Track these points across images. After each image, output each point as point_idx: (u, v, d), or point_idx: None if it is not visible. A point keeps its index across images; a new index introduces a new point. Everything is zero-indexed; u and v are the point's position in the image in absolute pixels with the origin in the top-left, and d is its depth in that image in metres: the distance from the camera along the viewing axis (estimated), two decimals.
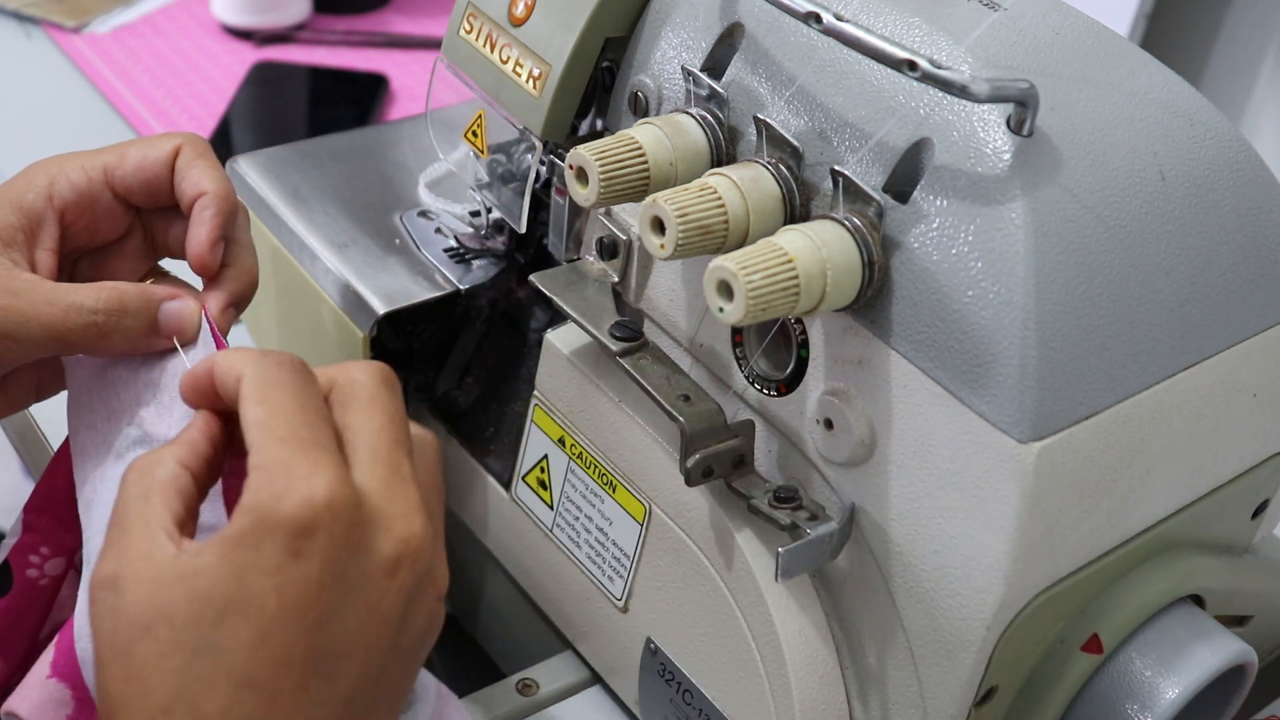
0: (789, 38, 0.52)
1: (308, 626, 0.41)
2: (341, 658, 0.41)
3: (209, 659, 0.40)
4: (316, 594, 0.41)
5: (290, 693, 0.40)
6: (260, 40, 1.15)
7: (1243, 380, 0.52)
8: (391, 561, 0.42)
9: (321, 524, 0.41)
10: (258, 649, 0.40)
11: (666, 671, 0.59)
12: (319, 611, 0.41)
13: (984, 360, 0.46)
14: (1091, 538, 0.50)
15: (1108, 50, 0.52)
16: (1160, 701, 0.52)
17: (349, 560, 0.41)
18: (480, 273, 0.68)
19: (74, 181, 0.53)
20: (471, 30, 0.62)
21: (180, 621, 0.40)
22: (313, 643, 0.41)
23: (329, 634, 0.41)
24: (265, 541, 0.40)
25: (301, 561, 0.40)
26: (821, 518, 0.51)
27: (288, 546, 0.40)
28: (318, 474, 0.41)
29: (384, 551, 0.42)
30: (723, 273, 0.45)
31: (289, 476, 0.41)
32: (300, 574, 0.40)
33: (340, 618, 0.41)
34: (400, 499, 0.43)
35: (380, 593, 0.42)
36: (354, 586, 0.41)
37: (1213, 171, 0.50)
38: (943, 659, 0.50)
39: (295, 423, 0.42)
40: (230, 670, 0.40)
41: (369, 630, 0.42)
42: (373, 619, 0.42)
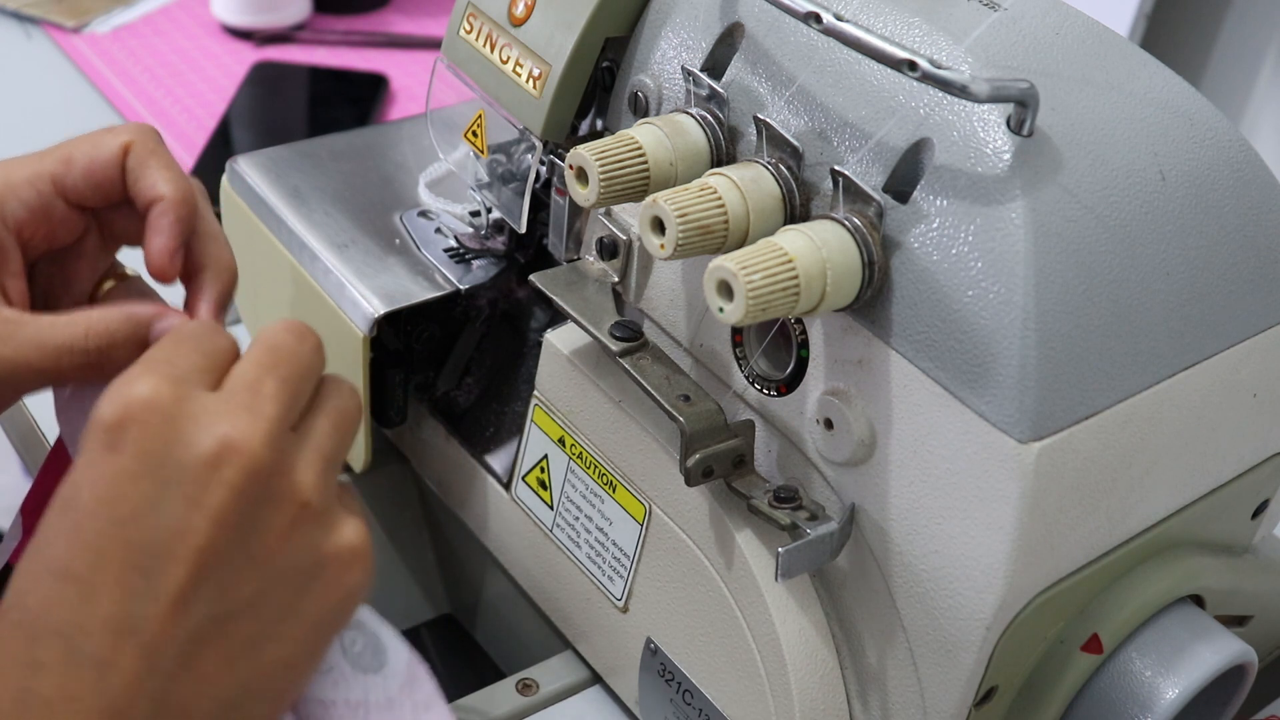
0: (789, 38, 0.52)
1: (119, 518, 0.41)
2: (162, 553, 0.41)
3: (37, 555, 0.41)
4: (129, 486, 0.41)
5: (107, 586, 0.41)
6: (260, 40, 1.15)
7: (1243, 380, 0.52)
8: (212, 455, 0.42)
9: (133, 418, 0.41)
10: (72, 540, 0.41)
11: (666, 671, 0.59)
12: (132, 503, 0.41)
13: (984, 360, 0.46)
14: (1091, 538, 0.50)
15: (1108, 50, 0.52)
16: (1160, 701, 0.52)
17: (164, 452, 0.41)
18: (480, 273, 0.68)
19: (24, 200, 0.52)
20: (471, 30, 0.62)
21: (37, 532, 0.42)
22: (127, 535, 0.41)
23: (144, 527, 0.41)
24: (89, 441, 0.42)
25: (113, 454, 0.41)
26: (821, 518, 0.51)
27: (101, 440, 0.41)
28: (143, 377, 0.42)
29: (203, 445, 0.42)
30: (723, 273, 0.45)
31: (119, 384, 0.42)
32: (111, 466, 0.41)
33: (157, 511, 0.41)
34: (238, 407, 0.43)
35: (200, 486, 0.41)
36: (170, 480, 0.41)
37: (1213, 171, 0.50)
38: (943, 659, 0.50)
39: (159, 349, 0.44)
40: (49, 563, 0.41)
41: (193, 526, 0.41)
42: (196, 514, 0.41)
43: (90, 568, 0.41)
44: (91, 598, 0.41)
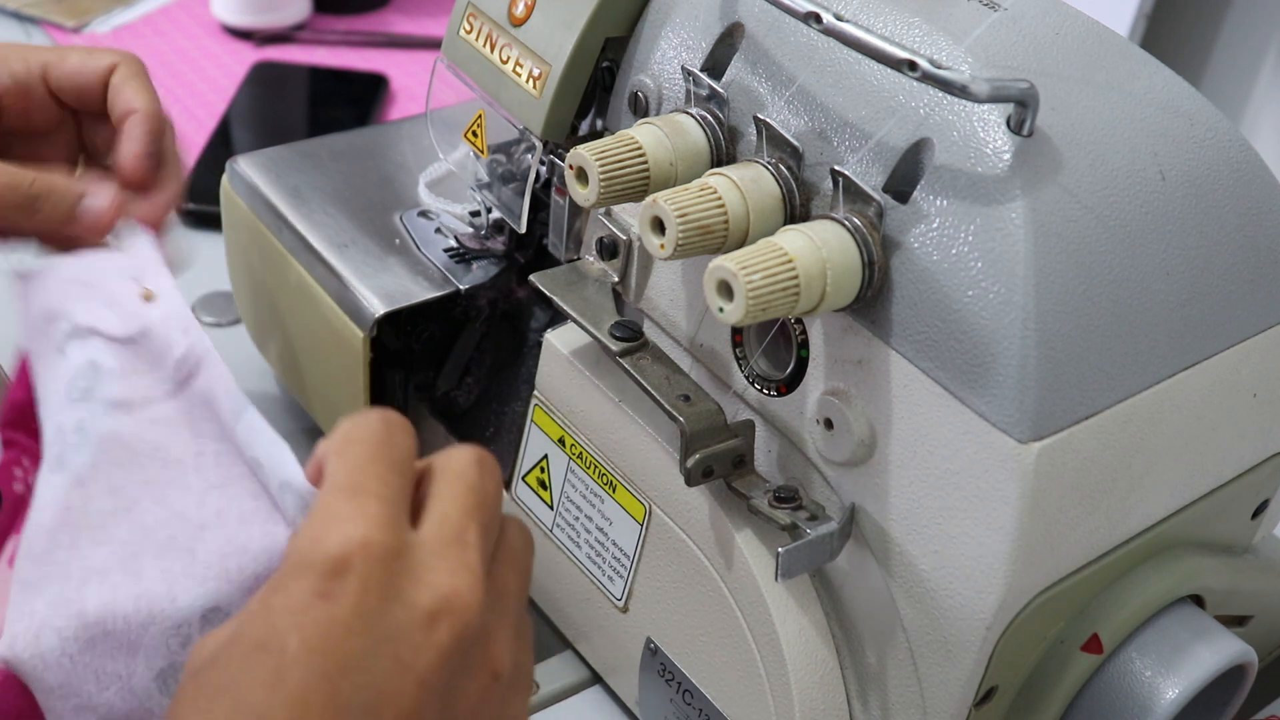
0: (789, 38, 0.52)
1: (328, 671, 0.38)
2: (367, 713, 0.39)
3: (228, 698, 0.38)
4: (341, 637, 0.38)
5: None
6: (260, 40, 1.15)
7: (1243, 380, 0.52)
8: (428, 614, 0.40)
9: (353, 566, 0.39)
10: (274, 688, 0.38)
11: (666, 671, 0.59)
12: (342, 656, 0.38)
13: (984, 360, 0.46)
14: (1091, 538, 0.50)
15: (1108, 50, 0.52)
16: (1160, 701, 0.52)
17: (380, 608, 0.39)
18: (480, 273, 0.68)
19: (13, 70, 0.57)
20: (471, 30, 0.62)
21: (220, 663, 0.39)
22: (334, 689, 0.38)
23: (353, 684, 0.38)
24: (294, 582, 0.39)
25: (327, 603, 0.39)
26: (821, 518, 0.51)
27: (314, 587, 0.39)
28: (360, 519, 0.40)
29: (421, 603, 0.40)
30: (723, 273, 0.45)
31: (329, 519, 0.40)
32: (324, 614, 0.39)
33: (367, 668, 0.39)
34: (452, 558, 0.41)
35: (414, 648, 0.39)
36: (385, 636, 0.39)
37: (1213, 171, 0.50)
38: (943, 659, 0.50)
39: (359, 473, 0.41)
40: (247, 710, 0.38)
41: (401, 689, 0.39)
42: (405, 676, 0.39)
43: (290, 717, 0.38)
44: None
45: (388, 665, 0.39)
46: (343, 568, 0.39)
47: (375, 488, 0.41)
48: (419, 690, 0.39)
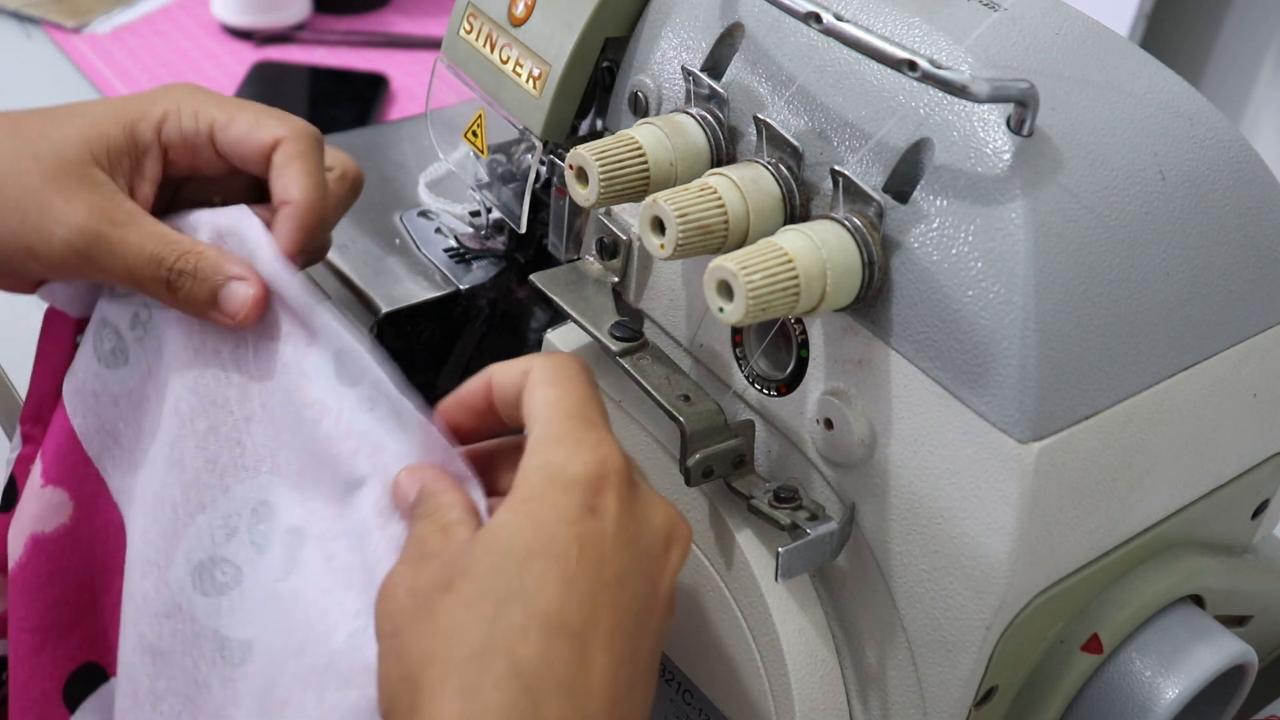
0: (789, 38, 0.52)
1: (606, 581, 0.41)
2: (638, 624, 0.41)
3: (518, 605, 0.40)
4: (611, 552, 0.41)
5: (600, 645, 0.40)
6: (260, 40, 1.15)
7: (1243, 380, 0.52)
8: (665, 536, 0.43)
9: (610, 484, 0.42)
10: (566, 594, 0.40)
11: (666, 671, 0.59)
12: (615, 569, 0.41)
13: (984, 360, 0.46)
14: (1091, 538, 0.50)
15: (1108, 50, 0.52)
16: (1160, 701, 0.52)
17: (635, 526, 0.42)
18: (480, 273, 0.68)
19: (184, 128, 0.53)
20: (471, 30, 0.62)
21: (482, 573, 0.40)
22: (613, 599, 0.41)
23: (625, 595, 0.41)
24: (561, 495, 0.41)
25: (595, 518, 0.41)
26: (821, 518, 0.51)
27: (583, 500, 0.41)
28: (603, 443, 0.43)
29: (658, 524, 0.43)
30: (723, 273, 0.45)
31: (579, 443, 0.43)
32: (596, 529, 0.41)
33: (631, 582, 0.41)
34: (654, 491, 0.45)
35: (660, 568, 0.43)
36: (640, 554, 0.42)
37: (1213, 171, 0.50)
38: (943, 659, 0.50)
39: (587, 404, 0.45)
40: (542, 615, 0.40)
41: (654, 606, 0.42)
42: (656, 594, 0.42)
43: (585, 625, 0.40)
44: (588, 656, 0.40)
45: (642, 584, 0.42)
46: (602, 484, 0.42)
47: (601, 418, 0.45)
48: (665, 609, 0.43)
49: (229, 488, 0.51)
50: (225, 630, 0.50)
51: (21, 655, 0.55)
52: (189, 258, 0.51)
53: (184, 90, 0.54)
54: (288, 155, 0.53)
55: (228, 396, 0.51)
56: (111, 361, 0.54)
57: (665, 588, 0.43)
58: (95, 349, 0.54)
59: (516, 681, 0.39)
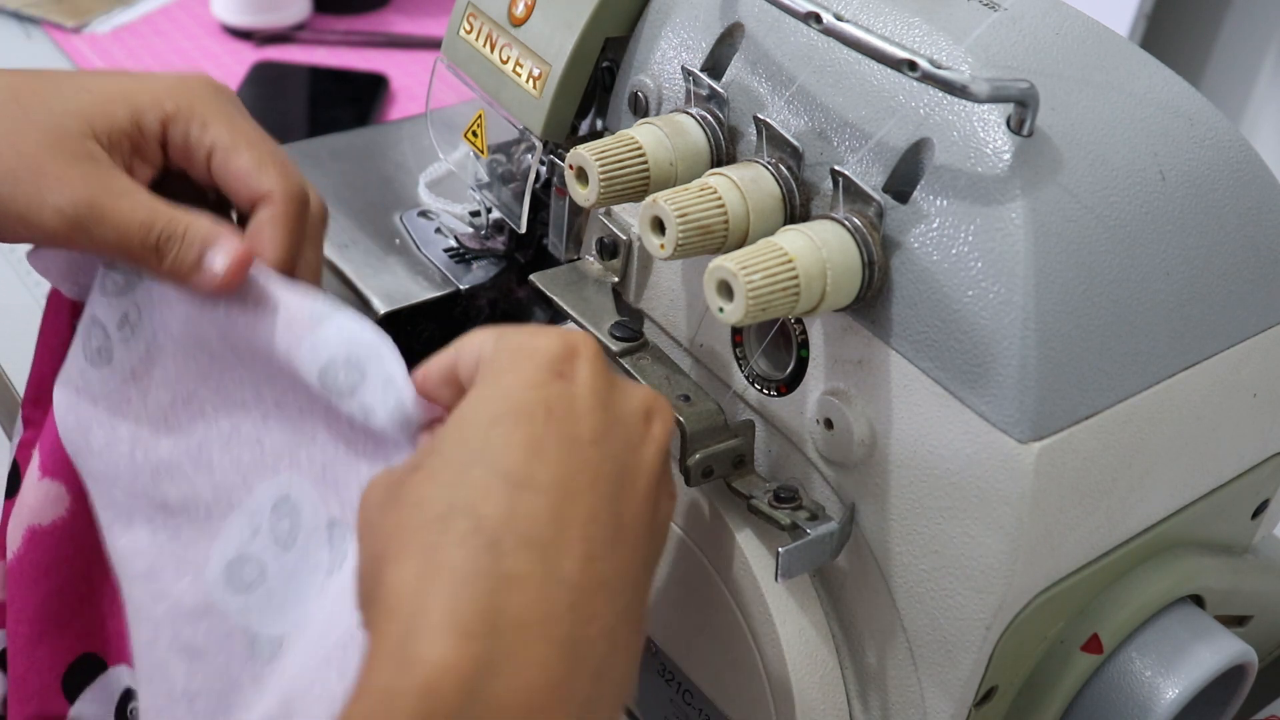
0: (789, 38, 0.52)
1: (578, 438, 0.39)
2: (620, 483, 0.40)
3: (481, 466, 0.38)
4: (584, 411, 0.40)
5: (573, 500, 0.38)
6: (260, 40, 1.15)
7: (1243, 380, 0.52)
8: (644, 408, 0.42)
9: (579, 351, 0.41)
10: (533, 452, 0.38)
11: (666, 671, 0.59)
12: (590, 429, 0.40)
13: (984, 360, 0.46)
14: (1091, 538, 0.50)
15: (1108, 50, 0.52)
16: (1160, 701, 0.52)
17: (608, 393, 0.41)
18: (480, 273, 0.68)
19: (189, 135, 0.53)
20: (471, 30, 0.62)
21: (448, 445, 0.39)
22: (587, 456, 0.39)
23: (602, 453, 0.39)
24: (525, 363, 0.40)
25: (564, 381, 0.40)
26: (821, 518, 0.51)
27: (549, 367, 0.40)
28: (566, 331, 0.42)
29: (636, 396, 0.42)
30: (723, 273, 0.45)
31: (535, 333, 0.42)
32: (565, 390, 0.40)
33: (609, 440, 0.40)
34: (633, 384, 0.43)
35: (639, 437, 0.41)
36: (616, 418, 0.41)
37: (1213, 171, 0.50)
38: (943, 659, 0.50)
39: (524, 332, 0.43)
40: (507, 472, 0.38)
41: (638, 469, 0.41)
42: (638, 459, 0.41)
43: (556, 480, 0.38)
44: (562, 511, 0.38)
45: (621, 448, 0.40)
46: (571, 354, 0.41)
47: None
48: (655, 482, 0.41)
49: (252, 486, 0.51)
50: (255, 627, 0.50)
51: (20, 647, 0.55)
52: (179, 222, 0.51)
53: (199, 91, 0.53)
54: (271, 216, 0.52)
55: (244, 397, 0.51)
56: (96, 360, 0.54)
57: (650, 458, 0.41)
58: (84, 345, 0.54)
59: (478, 537, 0.37)
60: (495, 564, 0.37)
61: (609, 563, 0.39)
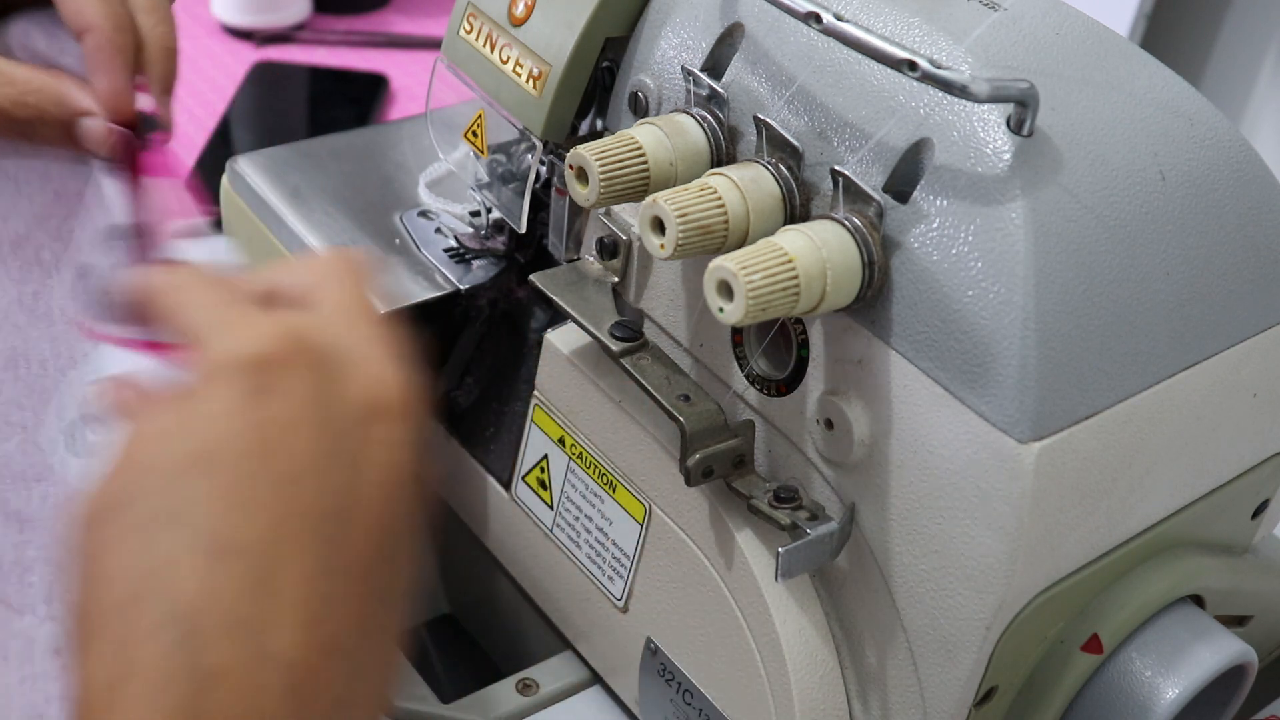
0: (789, 38, 0.52)
1: (291, 475, 0.33)
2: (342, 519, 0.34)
3: (174, 529, 0.32)
4: (295, 438, 0.34)
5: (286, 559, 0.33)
6: (260, 40, 1.15)
7: (1243, 380, 0.52)
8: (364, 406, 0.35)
9: (286, 354, 0.34)
10: (232, 508, 0.33)
11: (666, 671, 0.59)
12: (296, 461, 0.34)
13: (984, 360, 0.46)
14: (1091, 538, 0.50)
15: (1108, 50, 0.52)
16: (1160, 701, 0.52)
17: (327, 401, 0.34)
18: (480, 273, 0.68)
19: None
20: (471, 30, 0.62)
21: (138, 493, 0.33)
22: (301, 496, 0.33)
23: (316, 491, 0.34)
24: (220, 384, 0.34)
25: (269, 400, 0.34)
26: (821, 518, 0.51)
27: (247, 383, 0.34)
28: (268, 317, 0.35)
29: (353, 394, 0.35)
30: (723, 273, 0.45)
31: (234, 325, 0.35)
32: (270, 415, 0.34)
33: (325, 470, 0.34)
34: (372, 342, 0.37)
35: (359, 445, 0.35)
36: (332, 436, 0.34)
37: (1213, 171, 0.50)
38: (943, 659, 0.50)
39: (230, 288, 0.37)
40: (205, 536, 0.32)
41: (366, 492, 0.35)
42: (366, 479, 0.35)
43: (263, 539, 0.33)
44: (271, 577, 0.32)
45: (341, 471, 0.34)
46: (273, 358, 0.34)
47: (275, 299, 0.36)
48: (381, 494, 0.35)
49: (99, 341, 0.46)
50: None
51: None
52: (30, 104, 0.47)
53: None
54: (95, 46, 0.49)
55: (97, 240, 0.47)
56: None
57: (373, 469, 0.35)
58: None
59: (174, 627, 0.32)
60: (194, 659, 0.31)
61: (335, 621, 0.33)
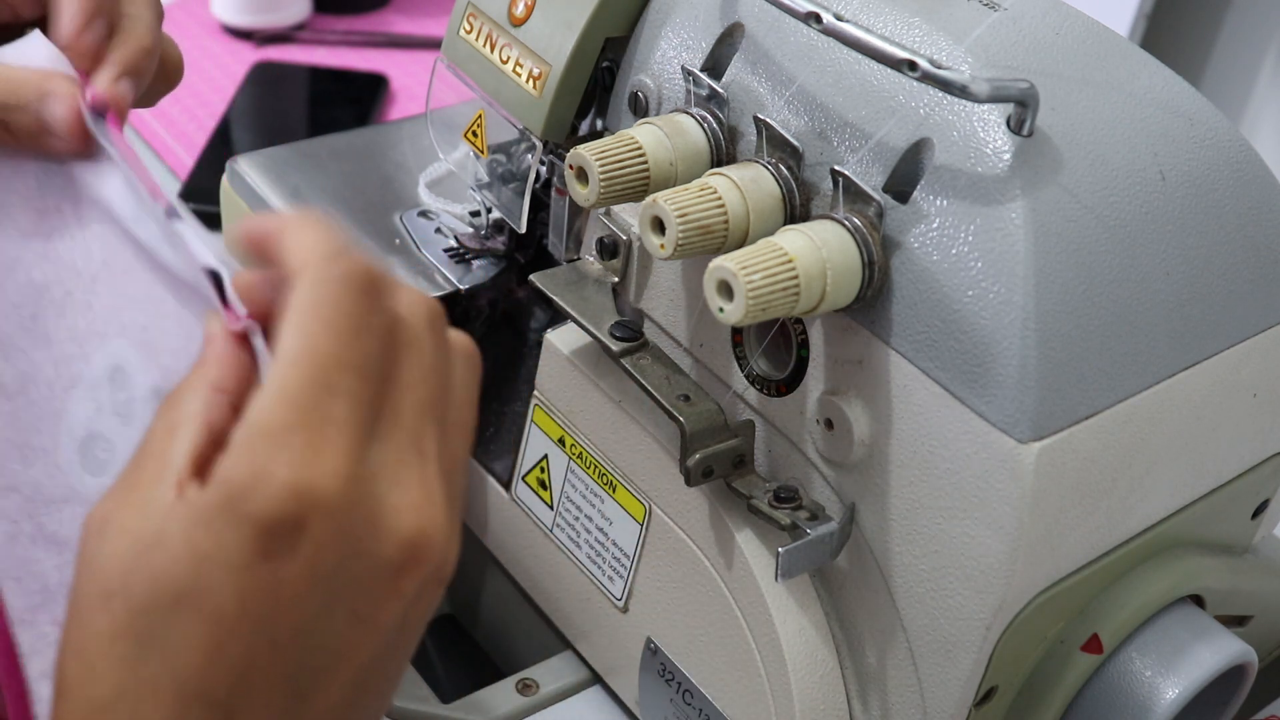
0: (789, 38, 0.52)
1: (276, 641, 0.33)
2: (320, 674, 0.34)
3: (157, 657, 0.33)
4: (290, 603, 0.33)
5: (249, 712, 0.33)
6: (260, 40, 1.15)
7: (1243, 380, 0.52)
8: (395, 567, 0.34)
9: (307, 522, 0.33)
10: (212, 658, 0.33)
11: (666, 671, 0.59)
12: (293, 624, 0.33)
13: (984, 360, 0.46)
14: (1091, 538, 0.50)
15: (1108, 50, 0.52)
16: (1160, 701, 0.52)
17: (339, 565, 0.33)
18: (480, 273, 0.68)
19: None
20: (471, 30, 0.62)
21: (137, 601, 0.33)
22: (282, 658, 0.33)
23: (306, 649, 0.34)
24: (229, 531, 0.33)
25: (273, 563, 0.33)
26: (821, 518, 0.51)
27: (256, 544, 0.33)
28: (315, 461, 0.33)
29: (386, 556, 0.34)
30: (723, 273, 0.45)
31: (276, 454, 0.33)
32: (269, 578, 0.33)
33: (322, 630, 0.34)
34: (414, 485, 0.34)
35: (375, 602, 0.34)
36: (343, 596, 0.34)
37: (1213, 171, 0.50)
38: (943, 659, 0.50)
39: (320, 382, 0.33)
40: (179, 678, 0.33)
41: (360, 644, 0.35)
42: (366, 632, 0.35)
43: (232, 693, 0.33)
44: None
45: (343, 625, 0.34)
46: (290, 525, 0.33)
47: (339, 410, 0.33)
48: (379, 638, 0.35)
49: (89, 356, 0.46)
50: None
51: None
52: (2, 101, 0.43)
53: None
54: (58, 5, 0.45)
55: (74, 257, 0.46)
56: None
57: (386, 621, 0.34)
58: None
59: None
60: None
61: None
